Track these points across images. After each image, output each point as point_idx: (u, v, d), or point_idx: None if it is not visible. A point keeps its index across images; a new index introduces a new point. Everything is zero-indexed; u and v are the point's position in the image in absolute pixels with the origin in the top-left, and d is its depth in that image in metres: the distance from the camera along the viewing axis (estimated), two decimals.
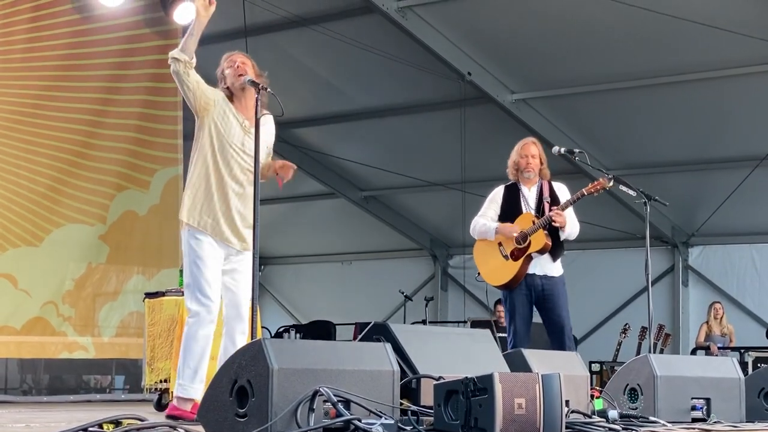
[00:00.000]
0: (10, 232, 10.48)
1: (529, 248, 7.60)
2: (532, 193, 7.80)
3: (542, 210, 7.69)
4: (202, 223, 5.96)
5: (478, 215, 7.98)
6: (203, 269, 5.92)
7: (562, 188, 7.91)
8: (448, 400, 4.46)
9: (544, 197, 7.76)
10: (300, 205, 17.63)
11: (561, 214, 7.55)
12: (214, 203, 5.99)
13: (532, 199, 7.78)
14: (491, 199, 7.96)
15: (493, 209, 7.90)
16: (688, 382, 6.25)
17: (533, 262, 7.63)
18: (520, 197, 7.80)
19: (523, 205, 7.76)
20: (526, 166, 7.77)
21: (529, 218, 7.66)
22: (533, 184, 7.82)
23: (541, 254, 7.61)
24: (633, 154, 13.82)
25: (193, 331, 5.89)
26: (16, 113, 10.63)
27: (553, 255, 7.65)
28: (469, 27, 12.23)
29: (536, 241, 7.59)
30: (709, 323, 13.89)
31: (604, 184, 7.62)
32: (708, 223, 14.52)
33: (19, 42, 10.72)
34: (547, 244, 7.57)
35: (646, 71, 12.22)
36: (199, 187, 6.01)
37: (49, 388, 11.25)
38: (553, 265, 7.70)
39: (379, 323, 5.47)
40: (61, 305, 10.75)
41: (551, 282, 7.65)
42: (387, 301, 16.89)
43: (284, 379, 4.26)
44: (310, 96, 14.32)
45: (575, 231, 7.72)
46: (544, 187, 7.81)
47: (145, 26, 11.67)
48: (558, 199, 7.77)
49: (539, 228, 7.56)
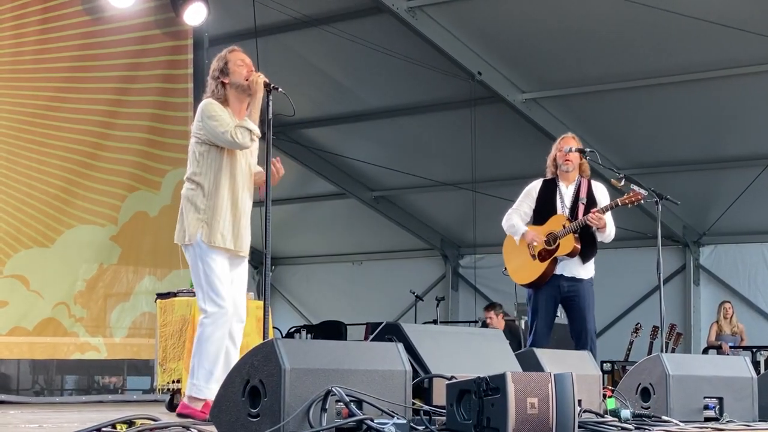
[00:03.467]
0: (21, 233, 10.50)
1: (557, 251, 7.57)
2: (569, 191, 7.70)
3: (576, 212, 7.60)
4: (218, 241, 5.90)
5: (512, 208, 7.87)
6: (215, 269, 5.90)
7: (600, 188, 7.81)
8: (461, 400, 4.45)
9: (581, 198, 7.65)
10: (310, 206, 17.64)
11: (602, 217, 7.45)
12: (227, 219, 5.92)
13: (568, 199, 7.68)
14: (527, 193, 7.86)
15: (528, 204, 7.81)
16: (701, 381, 6.24)
17: (561, 263, 7.59)
18: (557, 195, 7.70)
19: (558, 204, 7.67)
20: (564, 159, 7.68)
21: (561, 220, 7.59)
22: (571, 182, 7.73)
23: (570, 257, 7.57)
24: (644, 153, 13.79)
25: (209, 332, 5.85)
26: (27, 115, 10.65)
27: (583, 257, 7.61)
28: (479, 26, 12.22)
29: (565, 245, 7.53)
30: (719, 323, 13.86)
31: (640, 197, 7.52)
32: (719, 222, 14.49)
33: (30, 44, 10.74)
34: (576, 248, 7.51)
35: (656, 70, 12.20)
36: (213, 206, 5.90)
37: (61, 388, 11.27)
38: (582, 267, 7.63)
39: (391, 323, 5.46)
40: (72, 306, 10.77)
41: (578, 284, 7.60)
42: (398, 301, 16.88)
43: (296, 379, 4.26)
44: (320, 96, 14.32)
45: (613, 233, 7.66)
46: (582, 186, 7.71)
47: (155, 27, 11.68)
48: (595, 200, 7.68)
49: (569, 232, 7.51)
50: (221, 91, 5.98)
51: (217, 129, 5.83)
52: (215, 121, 5.85)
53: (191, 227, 5.90)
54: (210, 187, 5.92)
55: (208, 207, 5.90)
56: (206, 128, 5.87)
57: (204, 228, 5.88)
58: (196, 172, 5.95)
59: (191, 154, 6.00)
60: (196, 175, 5.95)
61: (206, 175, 5.93)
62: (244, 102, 6.00)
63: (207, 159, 5.93)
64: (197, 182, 5.94)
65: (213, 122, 5.85)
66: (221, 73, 5.99)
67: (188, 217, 5.93)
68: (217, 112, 5.88)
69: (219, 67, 6.00)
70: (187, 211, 5.94)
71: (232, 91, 5.99)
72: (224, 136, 5.82)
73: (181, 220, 5.98)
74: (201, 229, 5.88)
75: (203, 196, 5.92)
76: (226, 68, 5.98)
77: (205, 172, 5.93)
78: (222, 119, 5.86)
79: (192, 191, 5.95)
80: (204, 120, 5.89)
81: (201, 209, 5.91)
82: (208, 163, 5.93)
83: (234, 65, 6.00)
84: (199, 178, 5.93)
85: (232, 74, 5.98)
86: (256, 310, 8.77)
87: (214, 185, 5.92)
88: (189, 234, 5.91)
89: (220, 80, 5.98)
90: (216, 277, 5.88)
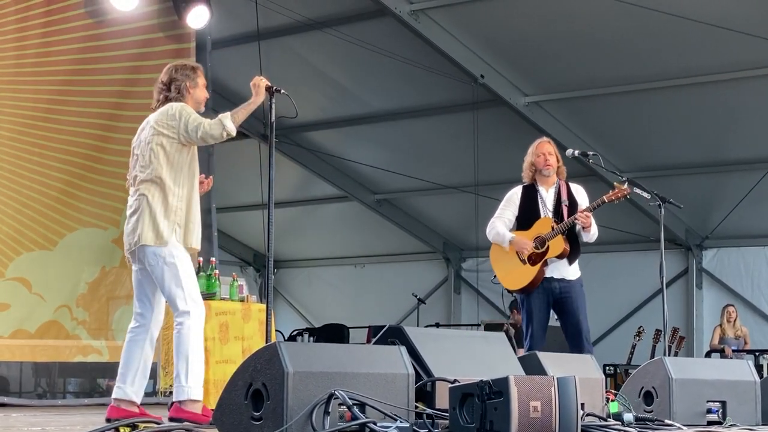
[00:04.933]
0: (23, 236, 10.49)
1: (547, 253, 7.58)
2: (550, 194, 7.74)
3: (560, 214, 7.64)
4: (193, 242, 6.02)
5: (495, 216, 7.90)
6: (190, 268, 5.99)
7: (579, 190, 7.87)
8: (464, 404, 4.45)
9: (563, 200, 7.70)
10: (313, 208, 17.65)
11: (589, 216, 7.51)
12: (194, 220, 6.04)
13: (550, 202, 7.72)
14: (508, 200, 7.89)
15: (511, 211, 7.83)
16: (704, 384, 6.24)
17: (550, 266, 7.61)
18: (538, 199, 7.74)
19: (541, 208, 7.70)
20: (545, 163, 7.70)
21: (548, 223, 7.61)
22: (551, 185, 7.76)
23: (559, 259, 7.59)
24: (647, 156, 13.79)
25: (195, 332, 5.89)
26: (29, 117, 10.64)
27: (569, 259, 7.64)
28: (482, 30, 12.22)
29: (555, 247, 7.56)
30: (723, 326, 13.84)
31: (625, 191, 7.59)
32: (722, 225, 14.49)
33: (32, 47, 10.73)
34: (566, 249, 7.55)
35: (659, 73, 12.20)
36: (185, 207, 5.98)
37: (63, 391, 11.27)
38: (570, 269, 7.67)
39: (394, 326, 5.46)
40: (74, 309, 10.75)
41: (568, 285, 7.63)
42: (400, 304, 16.88)
43: (299, 382, 4.26)
44: (322, 99, 14.33)
45: (596, 234, 7.71)
46: (562, 188, 7.76)
47: (158, 30, 11.67)
48: (576, 202, 7.73)
49: (558, 233, 7.53)
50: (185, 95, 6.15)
51: (192, 123, 5.94)
52: (190, 118, 5.98)
53: (167, 228, 5.92)
54: (180, 189, 5.99)
55: (179, 209, 5.97)
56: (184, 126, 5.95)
57: (177, 230, 5.95)
58: (166, 174, 5.97)
59: (155, 155, 5.99)
60: (166, 176, 5.97)
61: (176, 177, 5.99)
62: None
63: (177, 160, 6.00)
64: (166, 183, 5.96)
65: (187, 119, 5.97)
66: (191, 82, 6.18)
67: (158, 219, 5.92)
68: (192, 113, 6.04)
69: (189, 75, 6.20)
70: (159, 212, 5.93)
71: (191, 102, 6.15)
72: (200, 128, 5.92)
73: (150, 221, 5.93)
74: (175, 231, 5.94)
75: (175, 197, 5.96)
76: (195, 81, 6.20)
77: (174, 174, 5.98)
78: (196, 116, 6.02)
79: (161, 192, 5.96)
80: (181, 119, 5.97)
81: (172, 210, 5.95)
82: (178, 164, 5.99)
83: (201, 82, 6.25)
84: (169, 180, 5.97)
85: (198, 89, 6.20)
86: (258, 313, 8.79)
87: (183, 187, 6.00)
88: (165, 235, 5.91)
89: (186, 86, 6.16)
90: (193, 277, 6.00)
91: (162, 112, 6.05)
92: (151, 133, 6.02)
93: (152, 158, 5.99)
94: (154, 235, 5.91)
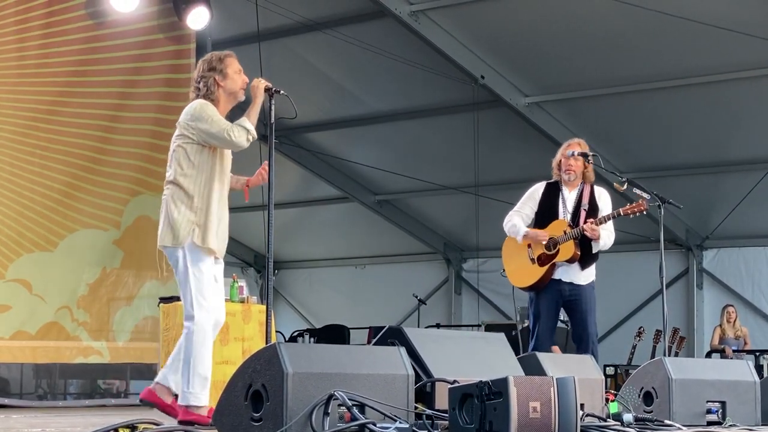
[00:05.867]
0: (24, 238, 10.50)
1: (556, 256, 7.57)
2: (571, 196, 7.72)
3: (578, 218, 7.62)
4: (212, 243, 5.87)
5: (513, 210, 7.89)
6: (205, 273, 5.86)
7: (603, 195, 7.82)
8: (463, 404, 4.45)
9: (582, 204, 7.67)
10: (313, 209, 17.64)
11: (595, 229, 7.48)
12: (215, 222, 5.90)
13: (571, 204, 7.69)
14: (530, 196, 7.87)
15: (530, 206, 7.83)
16: (704, 385, 6.24)
17: (559, 269, 7.60)
18: (559, 200, 7.73)
19: (560, 209, 7.69)
20: (566, 168, 7.70)
21: (562, 226, 7.60)
22: (574, 187, 7.74)
23: (570, 263, 7.58)
24: (647, 156, 13.79)
25: (200, 337, 5.76)
26: (30, 119, 10.65)
27: (582, 264, 7.62)
28: (482, 30, 12.22)
29: (565, 251, 7.55)
30: (723, 326, 13.83)
31: (643, 207, 7.56)
32: (722, 225, 14.48)
33: (32, 48, 10.74)
34: (576, 254, 7.54)
35: (659, 74, 12.20)
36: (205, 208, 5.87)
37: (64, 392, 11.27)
38: (581, 274, 7.65)
39: (394, 327, 5.47)
40: (75, 310, 10.76)
41: (578, 289, 7.63)
42: (401, 305, 16.87)
43: (299, 383, 4.27)
44: (323, 100, 14.33)
45: (610, 242, 7.68)
46: (584, 191, 7.73)
47: (158, 32, 11.68)
48: (597, 207, 7.70)
49: (570, 239, 7.52)
50: (215, 91, 5.95)
51: (213, 128, 5.80)
52: (210, 121, 5.82)
53: (183, 229, 5.83)
54: (201, 189, 5.88)
55: (200, 209, 5.86)
56: (200, 129, 5.83)
57: (196, 230, 5.84)
58: (186, 174, 5.88)
59: (177, 155, 5.91)
60: (185, 176, 5.87)
61: (197, 177, 5.88)
62: (229, 108, 6.03)
63: (198, 160, 5.88)
64: (184, 184, 5.87)
65: (208, 122, 5.82)
66: (219, 74, 5.96)
67: (178, 219, 5.84)
68: (212, 113, 5.87)
69: (216, 68, 5.97)
70: (176, 213, 5.86)
71: (223, 95, 5.99)
72: (221, 134, 5.79)
73: (168, 222, 5.88)
74: (193, 232, 5.84)
75: (194, 197, 5.86)
76: (224, 71, 5.97)
77: (195, 174, 5.88)
78: (218, 119, 5.85)
79: (180, 193, 5.88)
80: (198, 120, 5.84)
81: (192, 211, 5.86)
82: (198, 165, 5.88)
83: (232, 71, 6.00)
84: (188, 180, 5.87)
85: (228, 79, 5.98)
86: (259, 314, 8.79)
87: (205, 187, 5.89)
88: (181, 236, 5.83)
89: (215, 80, 5.95)
90: (205, 281, 5.86)
91: (185, 111, 5.95)
92: (176, 133, 5.96)
93: (173, 158, 5.94)
94: (171, 236, 5.86)
